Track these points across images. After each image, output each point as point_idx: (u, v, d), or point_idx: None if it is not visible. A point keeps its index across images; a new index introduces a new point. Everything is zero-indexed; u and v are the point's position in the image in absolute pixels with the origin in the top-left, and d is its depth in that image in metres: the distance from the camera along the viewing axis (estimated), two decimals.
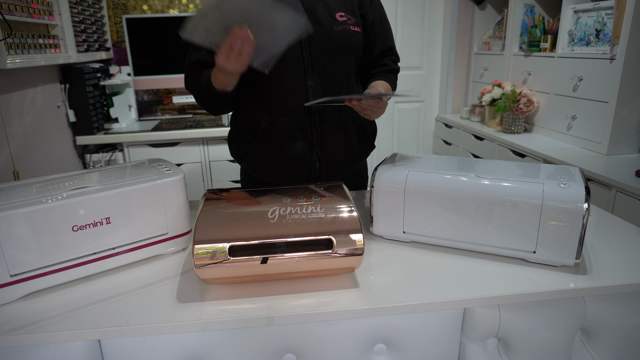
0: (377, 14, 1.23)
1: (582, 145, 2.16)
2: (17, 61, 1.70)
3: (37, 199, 0.79)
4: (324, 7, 1.15)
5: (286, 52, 1.11)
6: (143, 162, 1.02)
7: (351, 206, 0.83)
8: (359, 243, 0.79)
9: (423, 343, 0.84)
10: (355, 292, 0.80)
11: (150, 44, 2.66)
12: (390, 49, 1.28)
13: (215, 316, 0.74)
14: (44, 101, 2.11)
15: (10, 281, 0.76)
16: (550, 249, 0.85)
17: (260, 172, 1.23)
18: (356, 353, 0.82)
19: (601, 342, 0.89)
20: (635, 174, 1.68)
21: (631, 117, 1.96)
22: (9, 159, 1.76)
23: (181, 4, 2.86)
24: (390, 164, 1.00)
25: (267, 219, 0.80)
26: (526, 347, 0.84)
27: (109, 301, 0.78)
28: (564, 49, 2.29)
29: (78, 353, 0.73)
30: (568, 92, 2.23)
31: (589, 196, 0.81)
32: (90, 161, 2.47)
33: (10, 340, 0.69)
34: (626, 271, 0.85)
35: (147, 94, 2.94)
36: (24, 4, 1.81)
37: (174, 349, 0.77)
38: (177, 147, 2.51)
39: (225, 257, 0.76)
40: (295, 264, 0.78)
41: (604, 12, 2.03)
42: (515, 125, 2.51)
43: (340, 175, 1.26)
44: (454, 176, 0.92)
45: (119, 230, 0.85)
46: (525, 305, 0.83)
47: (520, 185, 0.86)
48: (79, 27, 2.32)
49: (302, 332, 0.80)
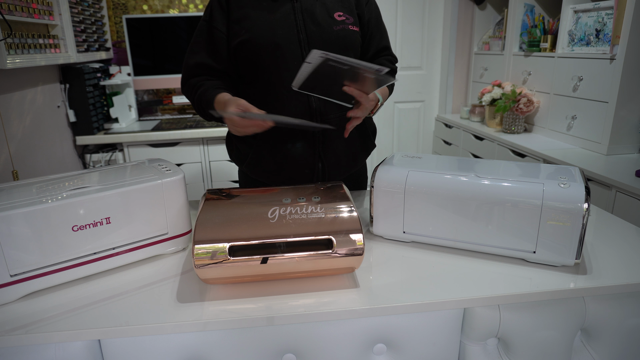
0: (372, 14, 1.24)
1: (582, 145, 2.16)
2: (17, 61, 1.70)
3: (37, 199, 0.79)
4: (322, 7, 1.15)
5: (286, 53, 1.11)
6: (143, 162, 1.02)
7: (351, 206, 0.83)
8: (359, 243, 0.79)
9: (423, 343, 0.84)
10: (355, 292, 0.80)
11: (150, 44, 2.66)
12: (386, 49, 1.28)
13: (215, 316, 0.74)
14: (44, 101, 2.11)
15: (10, 281, 0.76)
16: (550, 249, 0.85)
17: (262, 174, 1.22)
18: (356, 353, 0.82)
19: (601, 342, 0.89)
20: (635, 174, 1.68)
21: (631, 117, 1.96)
22: (9, 159, 1.76)
23: (181, 4, 2.86)
24: (390, 164, 1.00)
25: (267, 219, 0.80)
26: (526, 347, 0.84)
27: (109, 301, 0.78)
28: (564, 49, 2.29)
29: (78, 353, 0.73)
30: (568, 92, 2.23)
31: (589, 196, 0.81)
32: (90, 161, 2.47)
33: (10, 340, 0.69)
34: (626, 271, 0.85)
35: (147, 94, 2.94)
36: (24, 4, 1.81)
37: (174, 349, 0.77)
38: (177, 147, 2.51)
39: (225, 257, 0.76)
40: (295, 264, 0.78)
41: (604, 12, 2.03)
42: (515, 125, 2.51)
43: (342, 176, 1.26)
44: (454, 176, 0.92)
45: (119, 230, 0.85)
46: (525, 305, 0.83)
47: (520, 185, 0.86)
48: (79, 27, 2.32)
49: (302, 332, 0.80)
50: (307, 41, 1.12)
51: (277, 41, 1.10)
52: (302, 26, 1.12)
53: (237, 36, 1.11)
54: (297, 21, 1.12)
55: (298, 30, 1.11)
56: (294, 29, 1.11)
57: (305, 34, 1.12)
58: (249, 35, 1.10)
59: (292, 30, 1.11)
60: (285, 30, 1.10)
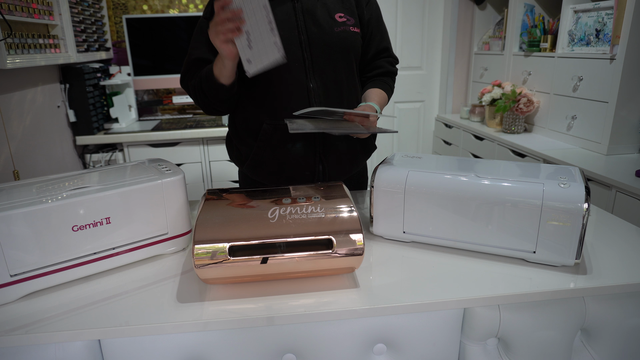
0: (373, 14, 1.23)
1: (582, 145, 2.16)
2: (17, 61, 1.70)
3: (37, 199, 0.79)
4: (323, 8, 1.14)
5: (287, 54, 1.10)
6: (143, 162, 1.02)
7: (351, 206, 0.83)
8: (359, 243, 0.79)
9: (423, 343, 0.84)
10: (355, 292, 0.80)
11: (150, 44, 2.66)
12: (386, 50, 1.27)
13: (215, 316, 0.74)
14: (44, 101, 2.11)
15: (10, 281, 0.76)
16: (550, 249, 0.85)
17: (262, 176, 1.22)
18: (356, 353, 0.82)
19: (601, 342, 0.89)
20: (635, 174, 1.68)
21: (631, 117, 1.96)
22: (9, 159, 1.76)
23: (181, 4, 2.86)
24: (390, 164, 1.00)
25: (267, 219, 0.80)
26: (526, 347, 0.84)
27: (109, 301, 0.78)
28: (564, 49, 2.29)
29: (78, 353, 0.73)
30: (568, 92, 2.23)
31: (589, 196, 0.81)
32: (90, 161, 2.47)
33: (10, 340, 0.69)
34: (626, 271, 0.85)
35: (147, 94, 2.94)
36: (24, 4, 1.81)
37: (174, 349, 0.77)
38: (177, 147, 2.51)
39: (225, 257, 0.76)
40: (295, 264, 0.78)
41: (604, 12, 2.03)
42: (515, 125, 2.51)
43: (343, 177, 1.26)
44: (454, 176, 0.92)
45: (119, 230, 0.85)
46: (525, 305, 0.83)
47: (520, 185, 0.86)
48: (79, 27, 2.32)
49: (302, 332, 0.80)
50: (307, 42, 1.11)
51: None
52: (303, 27, 1.12)
53: None
54: (297, 22, 1.11)
55: (299, 31, 1.11)
56: (295, 30, 1.11)
57: (306, 34, 1.11)
58: None
59: (293, 31, 1.11)
60: (286, 31, 1.10)
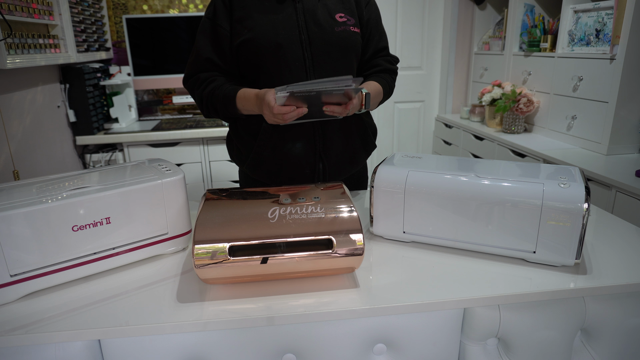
0: (372, 15, 1.23)
1: (582, 145, 2.16)
2: (17, 61, 1.70)
3: (37, 199, 0.79)
4: (323, 8, 1.14)
5: (288, 53, 1.11)
6: (143, 162, 1.02)
7: (351, 206, 0.83)
8: (359, 243, 0.79)
9: (423, 343, 0.84)
10: (355, 292, 0.80)
11: (150, 44, 2.65)
12: (384, 49, 1.28)
13: (215, 316, 0.74)
14: (44, 101, 2.10)
15: (10, 281, 0.76)
16: (550, 249, 0.85)
17: (262, 175, 1.22)
18: (356, 353, 0.82)
19: (601, 342, 0.89)
20: (635, 174, 1.68)
21: (631, 117, 1.96)
22: (9, 159, 1.76)
23: (181, 4, 2.86)
24: (390, 164, 1.00)
25: (267, 219, 0.80)
26: (526, 347, 0.84)
27: (109, 301, 0.78)
28: (564, 49, 2.29)
29: (78, 353, 0.73)
30: (568, 92, 2.23)
31: (589, 196, 0.81)
32: (90, 161, 2.47)
33: (10, 340, 0.69)
34: (626, 271, 0.85)
35: (147, 94, 2.94)
36: (24, 4, 1.81)
37: (174, 349, 0.77)
38: (177, 147, 2.51)
39: (225, 257, 0.76)
40: (295, 264, 0.78)
41: (604, 12, 2.03)
42: (515, 125, 2.51)
43: (343, 176, 1.26)
44: (454, 176, 0.92)
45: (119, 230, 0.85)
46: (525, 305, 0.83)
47: (520, 185, 0.86)
48: (79, 27, 2.32)
49: (302, 332, 0.80)
50: (308, 42, 1.12)
51: (279, 41, 1.10)
52: (304, 27, 1.12)
53: (239, 35, 1.11)
54: (298, 22, 1.12)
55: (300, 31, 1.11)
56: (296, 30, 1.11)
57: (306, 34, 1.12)
58: (251, 35, 1.10)
59: (294, 31, 1.11)
60: (287, 31, 1.10)
